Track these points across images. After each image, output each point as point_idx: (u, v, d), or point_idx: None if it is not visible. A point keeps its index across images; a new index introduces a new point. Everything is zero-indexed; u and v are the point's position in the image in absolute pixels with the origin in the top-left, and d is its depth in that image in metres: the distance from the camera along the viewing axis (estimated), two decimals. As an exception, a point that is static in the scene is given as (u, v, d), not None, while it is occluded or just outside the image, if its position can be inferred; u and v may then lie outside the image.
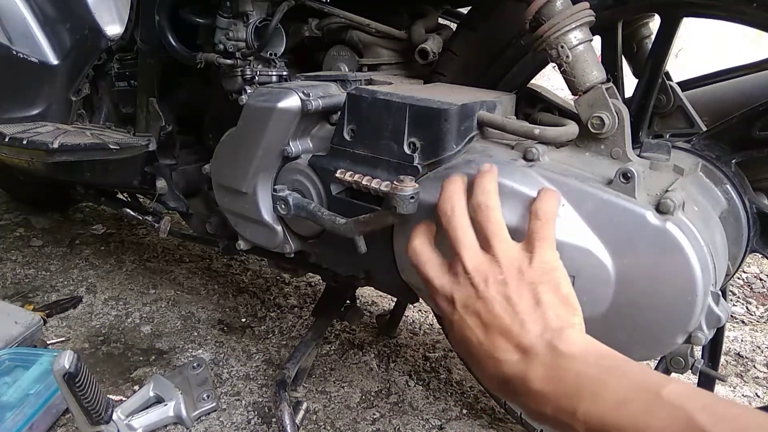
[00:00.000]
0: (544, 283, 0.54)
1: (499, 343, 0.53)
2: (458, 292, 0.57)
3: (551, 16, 0.71)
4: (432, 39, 0.97)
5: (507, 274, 0.55)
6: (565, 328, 0.52)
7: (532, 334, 0.51)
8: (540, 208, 0.58)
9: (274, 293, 1.66)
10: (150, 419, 1.08)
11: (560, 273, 0.56)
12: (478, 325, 0.54)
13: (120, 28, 1.28)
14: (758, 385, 1.39)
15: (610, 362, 0.48)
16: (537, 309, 0.53)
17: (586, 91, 0.72)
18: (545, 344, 0.51)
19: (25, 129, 1.28)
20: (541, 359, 0.50)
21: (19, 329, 1.28)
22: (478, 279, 0.56)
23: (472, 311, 0.55)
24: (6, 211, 2.12)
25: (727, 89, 0.94)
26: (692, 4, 0.75)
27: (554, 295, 0.54)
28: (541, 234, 0.57)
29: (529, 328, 0.52)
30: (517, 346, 0.52)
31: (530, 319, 0.52)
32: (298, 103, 0.84)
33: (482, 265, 0.56)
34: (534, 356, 0.51)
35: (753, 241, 0.79)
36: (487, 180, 0.61)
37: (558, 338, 0.50)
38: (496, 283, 0.55)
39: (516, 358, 0.52)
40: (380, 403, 1.23)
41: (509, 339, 0.52)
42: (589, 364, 0.48)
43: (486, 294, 0.55)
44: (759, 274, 1.99)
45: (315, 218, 0.83)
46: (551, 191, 0.61)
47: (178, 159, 1.25)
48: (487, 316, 0.54)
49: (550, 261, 0.56)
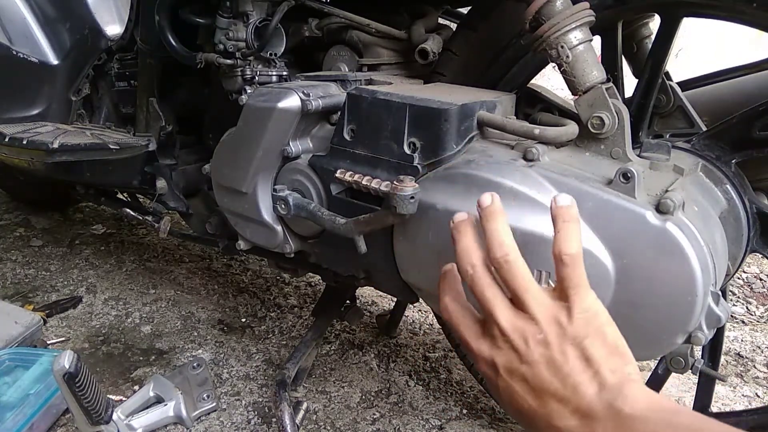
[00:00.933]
0: (590, 337, 0.50)
1: (555, 408, 0.49)
2: (499, 357, 0.52)
3: (551, 16, 0.71)
4: (432, 39, 0.97)
5: (547, 333, 0.50)
6: (623, 385, 0.48)
7: (589, 397, 0.48)
8: (564, 252, 0.51)
9: (274, 293, 1.66)
10: (150, 419, 1.08)
11: (603, 319, 0.52)
12: (528, 391, 0.50)
13: (120, 28, 1.28)
14: (758, 385, 1.39)
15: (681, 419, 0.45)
16: (588, 368, 0.49)
17: (586, 91, 0.72)
18: (606, 406, 0.47)
19: (25, 129, 1.28)
20: (605, 422, 0.46)
21: (19, 329, 1.28)
22: (518, 341, 0.51)
23: (518, 377, 0.51)
24: (6, 211, 2.12)
25: (727, 89, 0.94)
26: (692, 4, 0.75)
27: (603, 348, 0.50)
28: (573, 281, 0.51)
29: (584, 391, 0.48)
30: (574, 411, 0.48)
31: (583, 380, 0.48)
32: (298, 103, 0.84)
33: (518, 325, 0.52)
34: (596, 420, 0.47)
35: (753, 241, 0.79)
36: (496, 227, 0.55)
37: (619, 397, 0.46)
38: (537, 344, 0.50)
39: (575, 424, 0.48)
40: (380, 403, 1.23)
41: (565, 404, 0.48)
42: (657, 423, 0.44)
43: (529, 358, 0.50)
44: (759, 274, 1.99)
45: (315, 218, 0.83)
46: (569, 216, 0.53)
47: (178, 159, 1.25)
48: (535, 382, 0.50)
49: (590, 309, 0.51)
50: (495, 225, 0.55)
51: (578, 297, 0.51)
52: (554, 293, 0.53)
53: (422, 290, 0.83)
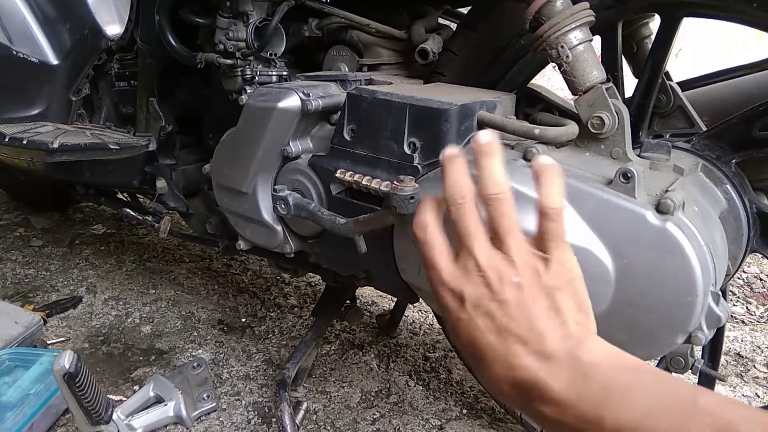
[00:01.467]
0: (562, 289, 0.51)
1: (515, 348, 0.50)
2: (469, 290, 0.52)
3: (551, 16, 0.71)
4: (432, 39, 0.97)
5: (523, 277, 0.51)
6: (585, 336, 0.49)
7: (553, 342, 0.49)
8: (549, 205, 0.52)
9: (274, 293, 1.66)
10: (150, 419, 1.08)
11: (576, 274, 0.53)
12: (491, 328, 0.51)
13: (120, 28, 1.28)
14: (758, 385, 1.39)
15: (637, 371, 0.46)
16: (556, 316, 0.50)
17: (586, 91, 0.72)
18: (567, 353, 0.48)
19: (25, 129, 1.28)
20: (563, 367, 0.47)
21: (19, 329, 1.28)
22: (493, 279, 0.51)
23: (485, 312, 0.51)
24: (6, 211, 2.12)
25: (727, 89, 0.94)
26: (692, 4, 0.75)
27: (572, 301, 0.51)
28: (555, 234, 0.52)
29: (549, 336, 0.49)
30: (535, 352, 0.49)
31: (549, 327, 0.49)
32: (298, 103, 0.84)
33: (497, 264, 0.52)
34: (555, 363, 0.48)
35: (753, 241, 0.79)
36: (493, 164, 0.54)
37: (580, 347, 0.48)
38: (512, 285, 0.51)
39: (534, 365, 0.49)
40: (380, 403, 1.23)
41: (527, 345, 0.49)
42: (615, 372, 0.46)
43: (501, 297, 0.51)
44: (759, 274, 1.99)
45: (315, 218, 0.83)
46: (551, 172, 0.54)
47: (178, 159, 1.25)
48: (502, 320, 0.50)
49: (566, 263, 0.52)
50: (491, 162, 0.54)
51: (557, 250, 0.52)
52: (535, 244, 0.53)
53: (422, 290, 0.83)
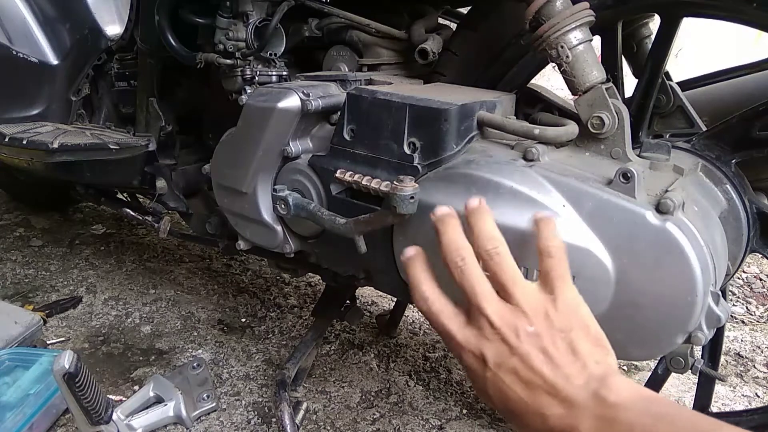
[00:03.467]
0: (576, 329, 0.52)
1: (543, 399, 0.50)
2: (488, 350, 0.53)
3: (551, 16, 0.71)
4: (432, 39, 0.97)
5: (537, 324, 0.52)
6: (608, 376, 0.50)
7: (577, 387, 0.49)
8: (548, 245, 0.55)
9: (274, 293, 1.66)
10: (150, 419, 1.08)
11: (585, 311, 0.54)
12: (517, 382, 0.51)
13: (120, 28, 1.28)
14: (758, 385, 1.39)
15: (660, 408, 0.47)
16: (576, 359, 0.51)
17: (586, 91, 0.72)
18: (592, 395, 0.49)
19: (25, 129, 1.28)
20: (590, 411, 0.48)
21: (19, 329, 1.28)
22: (509, 333, 0.52)
23: (508, 369, 0.52)
24: (6, 211, 2.12)
25: (727, 89, 0.94)
26: (692, 4, 0.75)
27: (587, 340, 0.52)
28: (558, 272, 0.54)
29: (573, 381, 0.50)
30: (563, 400, 0.50)
31: (572, 371, 0.50)
32: (298, 103, 0.84)
33: (507, 317, 0.53)
34: (582, 409, 0.48)
35: (753, 241, 0.79)
36: (485, 222, 0.57)
37: (604, 387, 0.48)
38: (528, 336, 0.51)
39: (563, 413, 0.49)
40: (380, 403, 1.23)
41: (554, 394, 0.50)
42: (640, 412, 0.46)
43: (521, 350, 0.51)
44: (759, 274, 1.99)
45: (315, 218, 0.83)
46: (549, 221, 0.57)
47: (178, 159, 1.25)
48: (526, 373, 0.51)
49: (573, 300, 0.54)
50: (484, 220, 0.57)
51: (563, 288, 0.54)
52: (539, 286, 0.55)
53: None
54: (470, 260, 0.55)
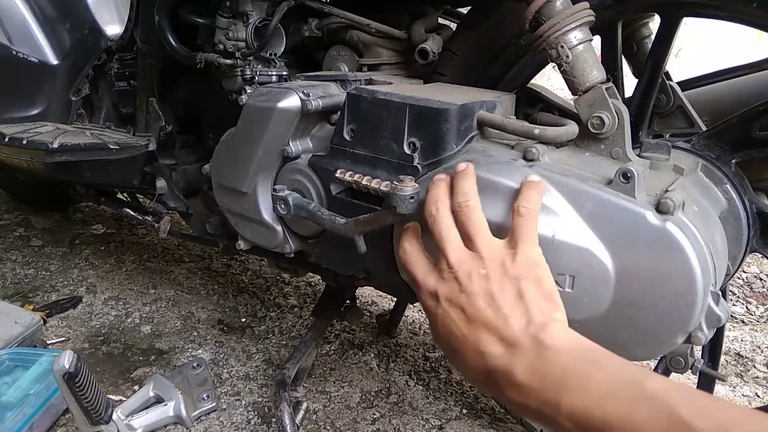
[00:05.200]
0: (527, 279, 0.55)
1: (483, 336, 0.54)
2: (442, 287, 0.58)
3: (551, 15, 0.71)
4: (432, 39, 0.97)
5: (490, 269, 0.56)
6: (549, 323, 0.52)
7: (517, 328, 0.52)
8: (521, 205, 0.59)
9: (274, 293, 1.66)
10: (150, 419, 1.08)
11: (543, 269, 0.57)
12: (462, 318, 0.55)
13: (120, 28, 1.28)
14: (758, 385, 1.39)
15: (594, 356, 0.49)
16: (520, 303, 0.54)
17: (586, 91, 0.72)
18: (530, 338, 0.51)
19: (25, 129, 1.28)
20: (526, 352, 0.51)
21: (19, 329, 1.28)
22: (462, 273, 0.56)
23: (456, 305, 0.56)
24: (6, 211, 2.12)
25: (727, 89, 0.94)
26: (692, 4, 0.75)
27: (537, 291, 0.55)
28: (523, 230, 0.58)
29: (513, 322, 0.53)
30: (501, 339, 0.53)
31: (514, 314, 0.53)
32: (298, 103, 0.84)
33: (465, 260, 0.57)
34: (519, 349, 0.51)
35: (753, 241, 0.79)
36: (464, 180, 0.62)
37: (542, 332, 0.51)
38: (480, 277, 0.56)
39: (500, 351, 0.52)
40: (380, 403, 1.23)
41: (493, 332, 0.53)
42: (574, 357, 0.49)
43: (470, 288, 0.55)
44: (759, 274, 1.99)
45: (315, 218, 0.83)
46: (534, 186, 0.61)
47: (178, 159, 1.25)
48: (470, 310, 0.55)
49: (532, 256, 0.57)
50: (464, 180, 0.62)
51: (525, 245, 0.57)
52: (504, 241, 0.59)
53: (422, 290, 0.82)
54: (443, 211, 0.61)
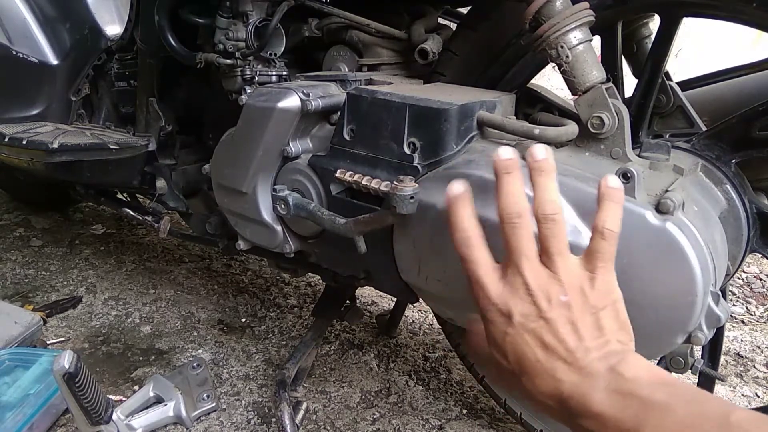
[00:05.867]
0: (606, 309, 0.53)
1: (559, 365, 0.52)
2: (517, 308, 0.54)
3: (551, 16, 0.71)
4: (432, 39, 0.97)
5: (570, 296, 0.53)
6: (627, 354, 0.51)
7: (596, 359, 0.51)
8: (605, 227, 0.54)
9: (274, 293, 1.66)
10: (150, 419, 1.08)
11: (618, 296, 0.55)
12: (538, 345, 0.53)
13: (120, 28, 1.28)
14: (758, 385, 1.39)
15: (674, 388, 0.48)
16: (601, 336, 0.52)
17: (586, 91, 0.72)
18: (609, 369, 0.50)
19: (25, 129, 1.28)
20: (605, 383, 0.49)
21: (19, 329, 1.28)
22: (541, 297, 0.53)
23: (532, 329, 0.53)
24: (6, 211, 2.12)
25: (727, 89, 0.94)
26: (692, 4, 0.75)
27: (615, 321, 0.53)
28: (606, 255, 0.54)
29: (593, 354, 0.51)
30: (579, 369, 0.51)
31: (594, 345, 0.52)
32: (298, 103, 0.84)
33: (544, 283, 0.54)
34: (598, 379, 0.50)
35: (753, 241, 0.79)
36: (551, 183, 0.56)
37: (622, 363, 0.50)
38: (560, 304, 0.53)
39: (577, 380, 0.51)
40: (380, 403, 1.23)
41: (571, 362, 0.52)
42: (654, 389, 0.47)
43: (549, 315, 0.53)
44: (759, 274, 1.99)
45: (315, 218, 0.83)
46: (616, 197, 0.55)
47: (178, 159, 1.25)
48: (549, 339, 0.52)
49: (610, 283, 0.54)
50: (548, 181, 0.55)
51: (604, 270, 0.54)
52: (581, 261, 0.55)
53: (422, 290, 0.83)
54: (527, 218, 0.55)
